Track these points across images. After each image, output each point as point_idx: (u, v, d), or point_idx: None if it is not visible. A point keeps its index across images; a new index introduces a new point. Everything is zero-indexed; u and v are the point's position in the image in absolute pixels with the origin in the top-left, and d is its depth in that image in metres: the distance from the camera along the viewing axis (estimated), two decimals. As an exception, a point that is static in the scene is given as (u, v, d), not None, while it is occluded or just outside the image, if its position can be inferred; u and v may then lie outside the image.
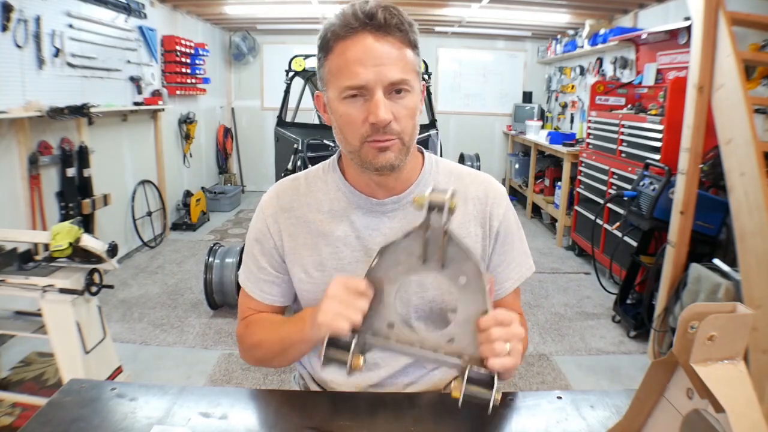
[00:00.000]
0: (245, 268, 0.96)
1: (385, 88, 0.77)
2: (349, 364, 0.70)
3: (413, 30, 0.81)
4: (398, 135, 0.80)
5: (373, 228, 0.90)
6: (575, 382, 2.38)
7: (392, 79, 0.77)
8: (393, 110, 0.78)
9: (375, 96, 0.77)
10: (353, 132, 0.80)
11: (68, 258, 1.81)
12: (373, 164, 0.81)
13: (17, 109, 2.67)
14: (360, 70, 0.76)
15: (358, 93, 0.78)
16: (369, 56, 0.76)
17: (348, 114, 0.80)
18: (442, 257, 0.71)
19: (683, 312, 0.52)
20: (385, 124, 0.78)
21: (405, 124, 0.81)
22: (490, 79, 6.45)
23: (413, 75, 0.81)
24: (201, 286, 2.98)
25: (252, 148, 6.53)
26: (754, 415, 0.49)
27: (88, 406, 0.79)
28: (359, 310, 0.71)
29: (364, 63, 0.76)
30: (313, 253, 0.91)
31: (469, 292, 0.71)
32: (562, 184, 4.42)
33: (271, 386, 2.28)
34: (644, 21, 4.11)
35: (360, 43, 0.77)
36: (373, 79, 0.76)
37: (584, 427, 0.77)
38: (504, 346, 0.68)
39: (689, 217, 2.35)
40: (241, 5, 4.80)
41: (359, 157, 0.82)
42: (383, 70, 0.76)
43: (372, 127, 0.78)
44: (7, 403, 2.03)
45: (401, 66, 0.78)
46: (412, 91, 0.81)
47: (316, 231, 0.91)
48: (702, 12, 2.15)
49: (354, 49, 0.77)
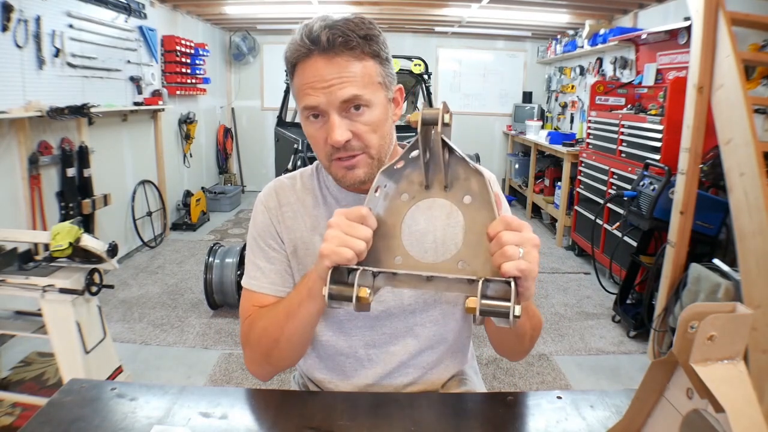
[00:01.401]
0: (252, 267, 0.93)
1: (339, 108, 0.78)
2: (355, 297, 0.64)
3: (370, 41, 0.79)
4: (363, 150, 0.81)
5: None
6: (575, 382, 2.38)
7: (343, 97, 0.77)
8: (352, 128, 0.79)
9: (330, 117, 0.78)
10: (319, 151, 0.84)
11: (68, 258, 1.81)
12: (343, 182, 0.84)
13: (17, 109, 2.67)
14: (311, 92, 0.78)
15: (318, 113, 0.80)
16: (318, 79, 0.78)
17: (312, 135, 0.83)
18: (444, 178, 0.68)
19: (683, 312, 0.52)
20: (340, 144, 0.79)
21: (367, 139, 0.81)
22: (490, 79, 6.45)
23: (372, 88, 0.80)
24: (201, 286, 2.98)
25: (252, 148, 6.53)
26: (754, 415, 0.49)
27: (88, 406, 0.79)
28: (363, 237, 0.67)
29: (314, 86, 0.78)
30: (309, 247, 0.92)
31: (474, 209, 0.68)
32: (562, 184, 4.42)
33: (271, 386, 2.28)
34: (644, 21, 4.11)
35: (311, 67, 0.78)
36: (324, 101, 0.78)
37: (584, 427, 0.77)
38: (516, 250, 0.63)
39: (689, 217, 2.35)
40: (241, 5, 4.80)
41: (331, 173, 0.85)
42: (333, 90, 0.77)
43: (333, 147, 0.80)
44: (7, 403, 2.03)
45: (354, 83, 0.78)
46: (371, 105, 0.80)
47: (311, 227, 0.92)
48: (702, 12, 2.15)
49: (306, 73, 0.79)
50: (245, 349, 0.92)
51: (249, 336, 0.90)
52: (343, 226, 0.67)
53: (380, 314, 0.92)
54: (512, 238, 0.63)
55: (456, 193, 0.69)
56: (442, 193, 0.69)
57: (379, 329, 0.93)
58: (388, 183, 0.71)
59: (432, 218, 0.89)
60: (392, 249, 0.70)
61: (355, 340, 0.94)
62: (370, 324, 0.93)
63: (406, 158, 0.70)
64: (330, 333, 0.95)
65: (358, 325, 0.93)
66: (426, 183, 0.69)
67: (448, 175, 0.69)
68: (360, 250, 0.66)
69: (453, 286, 0.66)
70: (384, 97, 0.83)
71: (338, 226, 0.68)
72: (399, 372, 0.95)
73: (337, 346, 0.95)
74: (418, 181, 0.70)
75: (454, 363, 1.00)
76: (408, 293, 0.92)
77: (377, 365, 0.94)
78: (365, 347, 0.94)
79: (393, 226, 0.70)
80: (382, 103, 0.82)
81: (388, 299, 0.92)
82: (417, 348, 0.94)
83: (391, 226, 0.71)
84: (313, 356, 1.00)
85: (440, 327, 0.94)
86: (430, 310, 0.93)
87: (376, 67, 0.81)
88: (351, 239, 0.66)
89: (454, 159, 0.68)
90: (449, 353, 0.98)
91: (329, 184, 0.94)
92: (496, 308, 0.60)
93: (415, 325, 0.93)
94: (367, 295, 0.64)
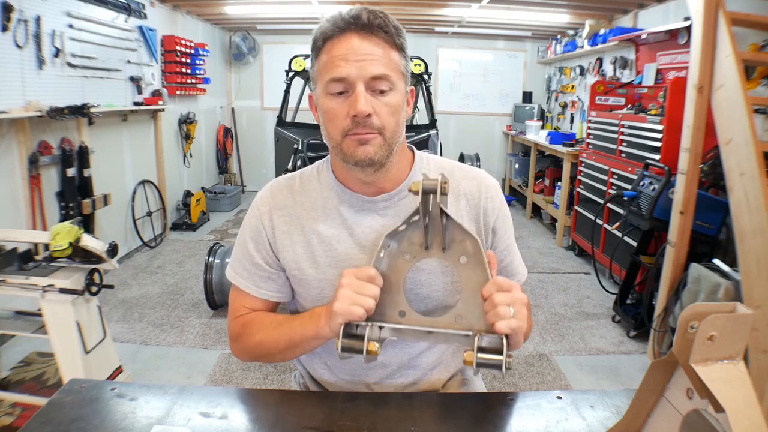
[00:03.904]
0: (238, 264, 0.96)
1: (366, 83, 0.81)
2: (366, 351, 0.73)
3: (399, 34, 0.84)
4: (379, 130, 0.83)
5: (366, 225, 0.91)
6: (575, 382, 2.38)
7: (373, 73, 0.80)
8: (374, 105, 0.81)
9: (356, 89, 0.80)
10: (335, 126, 0.84)
11: (68, 258, 1.81)
12: (353, 157, 0.84)
13: (17, 109, 2.67)
14: (343, 63, 0.80)
15: (342, 89, 0.82)
16: (352, 52, 0.81)
17: (331, 108, 0.83)
18: (442, 241, 0.74)
19: (683, 312, 0.52)
20: (364, 115, 0.80)
21: (386, 120, 0.83)
22: (490, 79, 6.45)
23: (396, 75, 0.84)
24: (201, 286, 2.98)
25: (252, 148, 6.53)
26: (754, 415, 0.49)
27: (88, 406, 0.79)
28: (372, 296, 0.75)
29: (347, 58, 0.80)
30: (306, 250, 0.92)
31: (470, 269, 0.75)
32: (562, 184, 4.42)
33: (271, 386, 2.28)
34: (644, 21, 4.11)
35: (345, 41, 0.82)
36: (355, 73, 0.80)
37: (584, 427, 0.77)
38: (507, 309, 0.71)
39: (689, 217, 2.35)
40: (241, 5, 4.80)
41: (341, 150, 0.85)
42: (365, 65, 0.80)
43: (353, 121, 0.81)
44: (7, 403, 2.03)
45: (383, 63, 0.82)
46: (394, 89, 0.83)
47: (309, 229, 0.92)
48: (702, 12, 2.15)
49: (339, 46, 0.82)
50: (233, 342, 0.96)
51: (240, 338, 0.94)
52: (354, 285, 0.75)
53: None
54: (504, 299, 0.71)
55: (453, 254, 0.76)
56: (440, 254, 0.76)
57: None
58: (391, 243, 0.79)
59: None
60: (396, 303, 0.78)
61: None
62: None
63: (408, 222, 0.78)
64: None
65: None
66: (426, 244, 0.77)
67: (446, 237, 0.76)
68: (369, 307, 0.74)
69: (451, 338, 0.75)
70: (404, 88, 0.87)
71: (349, 285, 0.75)
72: (400, 373, 0.95)
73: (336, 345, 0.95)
74: (419, 242, 0.77)
75: (454, 363, 1.00)
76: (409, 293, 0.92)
77: (379, 367, 0.94)
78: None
79: (396, 283, 0.78)
80: (402, 92, 0.86)
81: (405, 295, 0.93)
82: (418, 349, 0.94)
83: (394, 283, 0.78)
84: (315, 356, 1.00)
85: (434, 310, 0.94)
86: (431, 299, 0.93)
87: (401, 59, 0.85)
88: (361, 298, 0.74)
89: (451, 223, 0.76)
90: (449, 353, 0.98)
91: (332, 184, 0.93)
92: (491, 361, 0.70)
93: None
94: (376, 348, 0.73)
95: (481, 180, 0.96)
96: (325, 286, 0.90)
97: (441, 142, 4.30)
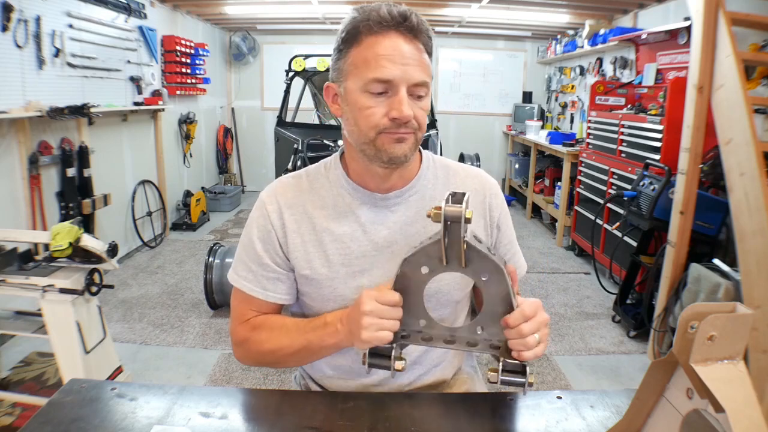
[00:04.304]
0: (242, 267, 0.92)
1: (408, 88, 0.81)
2: (393, 368, 0.76)
3: (431, 40, 0.86)
4: (414, 131, 0.84)
5: (379, 222, 0.91)
6: (575, 382, 2.38)
7: (416, 80, 0.81)
8: (413, 109, 0.82)
9: (399, 92, 0.80)
10: (370, 123, 0.82)
11: (68, 258, 1.81)
12: (389, 153, 0.83)
13: (17, 109, 2.67)
14: (389, 65, 0.79)
15: (382, 89, 0.81)
16: (398, 54, 0.80)
17: (368, 106, 0.82)
18: (462, 259, 0.74)
19: (683, 312, 0.52)
20: (408, 120, 0.81)
21: (421, 122, 0.85)
22: (490, 79, 6.45)
23: (430, 80, 0.86)
24: (201, 286, 2.98)
25: (252, 148, 6.53)
26: (754, 415, 0.49)
27: (88, 406, 0.79)
28: (396, 320, 0.76)
29: (393, 60, 0.80)
30: (318, 249, 0.90)
31: (492, 286, 0.75)
32: (562, 184, 4.42)
33: (271, 386, 2.28)
34: (644, 21, 4.11)
35: (391, 41, 0.80)
36: (400, 76, 0.80)
37: (584, 427, 0.77)
38: (535, 339, 0.72)
39: (689, 217, 2.35)
40: (241, 5, 4.80)
41: (374, 146, 0.84)
42: (409, 70, 0.80)
43: (392, 122, 0.81)
44: (7, 403, 2.03)
45: (423, 69, 0.82)
46: (428, 93, 0.85)
47: (321, 227, 0.91)
48: (702, 12, 2.15)
49: (384, 45, 0.80)
50: (238, 348, 0.94)
51: (246, 344, 0.92)
52: (377, 311, 0.74)
53: None
54: (531, 328, 0.72)
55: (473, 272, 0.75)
56: (460, 269, 0.75)
57: None
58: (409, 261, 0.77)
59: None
60: (416, 314, 0.78)
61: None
62: None
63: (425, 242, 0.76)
64: None
65: None
66: (445, 260, 0.75)
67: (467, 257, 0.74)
68: (395, 330, 0.76)
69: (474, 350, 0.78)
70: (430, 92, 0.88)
71: (373, 313, 0.74)
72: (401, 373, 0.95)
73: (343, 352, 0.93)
74: (437, 256, 0.75)
75: (454, 363, 1.01)
76: None
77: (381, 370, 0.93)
78: None
79: (416, 294, 0.78)
80: (429, 96, 0.87)
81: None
82: (422, 349, 0.94)
83: (414, 294, 0.78)
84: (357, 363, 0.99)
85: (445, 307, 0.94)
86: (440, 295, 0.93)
87: (431, 64, 0.86)
88: (387, 322, 0.75)
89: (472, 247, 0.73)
90: (451, 352, 0.99)
91: (342, 181, 0.92)
92: (513, 382, 0.74)
93: None
94: (402, 366, 0.76)
95: (483, 178, 0.99)
96: (338, 285, 0.90)
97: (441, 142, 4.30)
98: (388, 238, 0.91)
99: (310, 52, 4.04)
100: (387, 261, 0.90)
